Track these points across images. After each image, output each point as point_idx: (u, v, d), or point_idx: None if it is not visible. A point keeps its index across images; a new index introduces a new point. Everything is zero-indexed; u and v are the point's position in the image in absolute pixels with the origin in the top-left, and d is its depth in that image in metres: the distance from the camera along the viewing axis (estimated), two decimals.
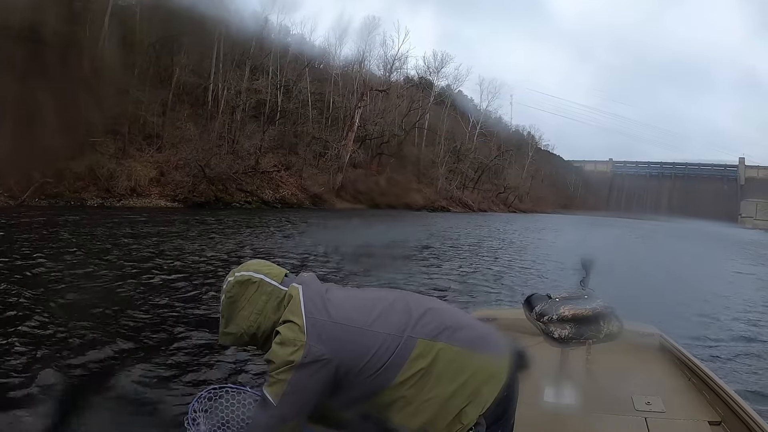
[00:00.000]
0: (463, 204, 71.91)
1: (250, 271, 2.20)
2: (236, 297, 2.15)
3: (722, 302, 12.51)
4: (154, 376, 5.65)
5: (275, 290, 2.16)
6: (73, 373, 5.52)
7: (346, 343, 2.04)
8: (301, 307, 2.08)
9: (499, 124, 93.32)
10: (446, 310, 2.30)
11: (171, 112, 41.38)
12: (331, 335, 2.04)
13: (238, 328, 2.16)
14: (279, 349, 2.02)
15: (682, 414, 3.44)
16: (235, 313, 2.16)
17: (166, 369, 5.88)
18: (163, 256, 13.44)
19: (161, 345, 6.61)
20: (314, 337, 2.01)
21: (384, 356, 2.04)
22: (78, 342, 6.39)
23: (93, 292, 9.00)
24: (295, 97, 54.02)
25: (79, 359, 5.87)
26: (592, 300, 3.39)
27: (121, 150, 36.33)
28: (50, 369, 5.46)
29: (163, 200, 35.99)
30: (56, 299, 8.31)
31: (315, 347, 2.00)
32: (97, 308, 7.84)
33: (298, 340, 2.00)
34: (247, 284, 2.16)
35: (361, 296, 2.28)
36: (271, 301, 2.14)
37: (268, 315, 2.13)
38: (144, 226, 20.71)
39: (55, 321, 7.03)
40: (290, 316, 2.06)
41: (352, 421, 2.12)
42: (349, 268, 13.44)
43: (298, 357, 1.98)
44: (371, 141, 61.61)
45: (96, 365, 5.80)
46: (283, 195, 46.33)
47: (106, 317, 7.46)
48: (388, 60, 66.60)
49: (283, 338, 2.03)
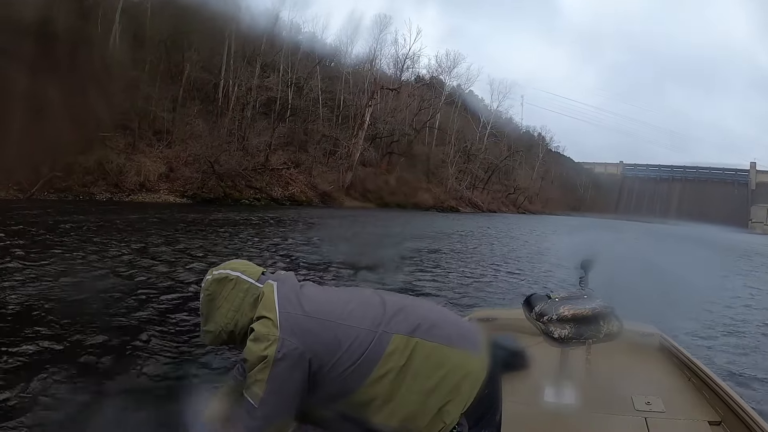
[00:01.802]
0: (472, 204, 71.91)
1: (227, 269, 2.21)
2: (214, 294, 2.16)
3: (722, 303, 12.52)
4: (155, 374, 5.65)
5: (251, 287, 2.17)
6: (73, 371, 5.48)
7: (319, 337, 2.03)
8: (275, 302, 2.08)
9: (509, 124, 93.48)
10: (422, 307, 2.29)
11: (181, 108, 41.54)
12: (304, 328, 2.03)
13: (216, 325, 2.17)
14: (253, 345, 2.01)
15: (682, 414, 3.43)
16: (213, 310, 2.17)
17: (167, 368, 5.86)
18: (167, 253, 13.41)
19: (161, 344, 6.56)
20: (287, 330, 2.00)
21: (358, 351, 2.03)
22: (77, 341, 6.35)
23: (94, 287, 8.97)
24: (305, 94, 54.17)
25: (79, 358, 5.84)
26: (591, 300, 3.37)
27: (131, 145, 36.49)
28: (50, 368, 5.43)
29: (172, 196, 36.13)
30: (57, 294, 8.27)
31: (288, 341, 1.98)
32: (97, 307, 7.79)
33: (271, 335, 1.99)
34: (224, 282, 2.17)
35: (337, 292, 2.30)
36: (247, 298, 2.15)
37: (245, 312, 2.14)
38: (151, 221, 20.78)
39: (55, 319, 6.96)
40: (264, 312, 2.06)
41: (332, 421, 2.11)
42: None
43: (272, 352, 1.96)
44: (381, 140, 61.73)
45: (96, 364, 5.77)
46: (292, 192, 46.43)
47: (107, 314, 7.41)
48: (399, 59, 66.78)
49: (256, 334, 2.02)
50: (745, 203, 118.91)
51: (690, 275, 16.06)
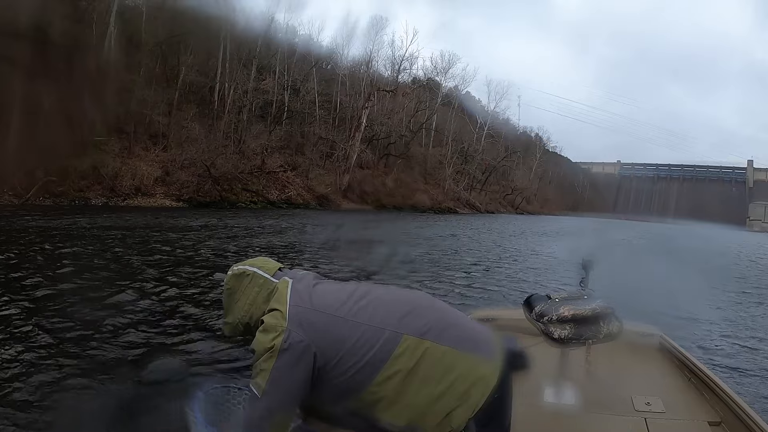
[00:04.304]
0: (470, 205, 72.23)
1: (246, 265, 2.29)
2: (233, 289, 2.24)
3: (722, 304, 12.51)
4: (156, 374, 5.61)
5: (266, 282, 2.22)
6: (73, 369, 5.50)
7: (326, 331, 2.04)
8: (287, 296, 2.12)
9: (506, 125, 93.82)
10: (436, 308, 2.25)
11: (177, 112, 41.56)
12: (311, 321, 2.05)
13: (234, 317, 2.24)
14: (261, 336, 2.05)
15: (682, 414, 3.43)
16: (232, 304, 2.25)
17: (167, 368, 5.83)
18: (166, 255, 13.44)
19: (161, 344, 6.59)
20: (295, 323, 2.03)
21: (365, 348, 2.03)
22: (77, 340, 6.37)
23: (93, 290, 8.95)
24: (302, 97, 54.29)
25: (78, 357, 5.86)
26: (591, 300, 3.35)
27: (127, 149, 36.58)
28: (51, 367, 5.46)
29: (168, 200, 36.14)
30: (55, 299, 8.26)
31: (295, 333, 2.01)
32: (98, 306, 7.81)
33: (279, 326, 2.03)
34: (242, 277, 2.24)
35: (349, 289, 2.27)
36: (262, 292, 2.20)
37: (259, 305, 2.18)
38: (148, 226, 20.75)
39: (53, 323, 6.97)
40: (275, 305, 2.11)
41: (341, 418, 2.12)
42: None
43: (278, 342, 2.00)
44: (378, 142, 61.96)
45: (95, 362, 5.78)
46: (289, 195, 46.58)
47: (106, 316, 7.40)
48: (395, 60, 66.85)
49: (265, 325, 2.06)
50: (742, 201, 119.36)
51: (690, 276, 16.05)
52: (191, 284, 10.00)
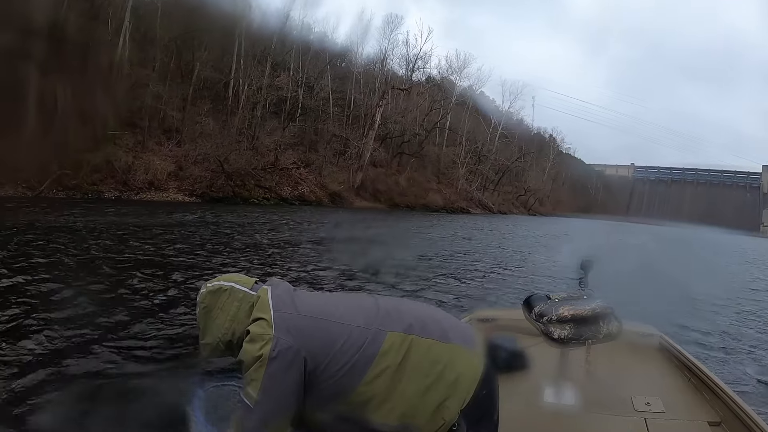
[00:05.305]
0: (482, 205, 72.04)
1: (221, 281, 2.24)
2: (210, 306, 2.18)
3: (722, 304, 12.55)
4: (156, 371, 5.67)
5: (246, 296, 2.18)
6: (73, 369, 5.50)
7: (314, 335, 2.03)
8: (270, 304, 2.09)
9: (520, 125, 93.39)
10: (416, 307, 2.34)
11: (191, 107, 41.66)
12: (298, 327, 2.03)
13: (213, 337, 2.17)
14: (249, 346, 2.02)
15: (682, 414, 3.45)
16: (210, 322, 2.17)
17: (167, 366, 5.88)
18: (173, 252, 13.45)
19: (161, 343, 6.56)
20: (282, 329, 2.01)
21: (352, 348, 2.03)
22: (77, 339, 6.36)
23: (95, 287, 8.96)
24: (316, 94, 54.35)
25: (78, 357, 5.84)
26: (591, 300, 3.37)
27: (140, 143, 36.76)
28: (50, 367, 5.44)
29: (181, 194, 36.29)
30: (57, 294, 8.27)
31: (283, 339, 1.99)
32: (97, 305, 7.79)
33: (266, 334, 2.00)
34: (218, 293, 2.18)
35: (330, 296, 2.35)
36: (243, 306, 2.15)
37: (242, 320, 2.14)
38: (159, 220, 20.82)
39: (56, 319, 6.99)
40: (259, 314, 2.08)
41: (332, 424, 2.10)
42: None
43: (267, 350, 1.97)
44: (392, 140, 61.81)
45: (95, 362, 5.77)
46: (301, 192, 46.66)
47: (107, 313, 7.40)
48: (410, 59, 66.71)
49: (252, 335, 2.03)
50: (757, 207, 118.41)
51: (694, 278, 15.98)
52: (192, 284, 9.88)
